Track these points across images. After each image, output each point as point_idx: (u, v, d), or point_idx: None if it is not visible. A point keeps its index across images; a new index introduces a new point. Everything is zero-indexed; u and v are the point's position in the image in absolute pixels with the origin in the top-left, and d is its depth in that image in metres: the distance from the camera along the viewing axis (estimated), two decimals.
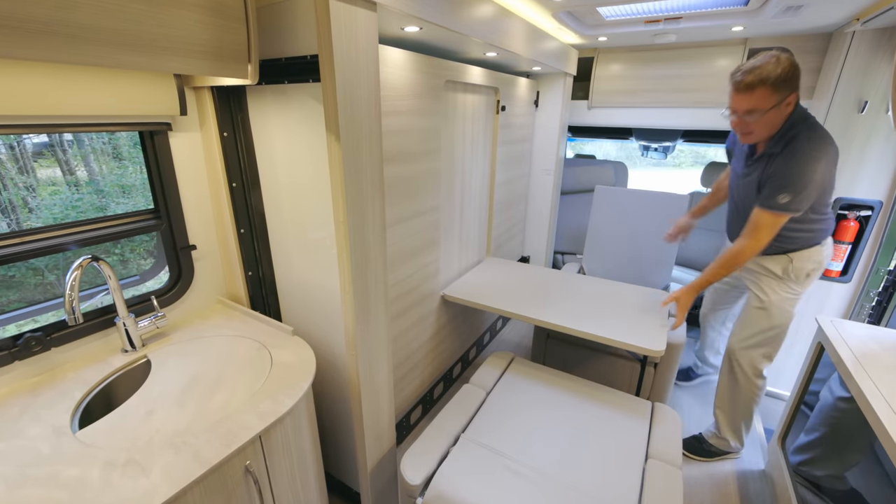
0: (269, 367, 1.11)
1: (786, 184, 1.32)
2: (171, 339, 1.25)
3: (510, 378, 1.63)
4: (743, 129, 1.38)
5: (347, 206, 1.03)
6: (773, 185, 1.35)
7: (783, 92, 1.29)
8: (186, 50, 0.87)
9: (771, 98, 1.28)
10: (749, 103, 1.31)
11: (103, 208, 2.22)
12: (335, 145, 0.98)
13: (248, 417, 0.93)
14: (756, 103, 1.30)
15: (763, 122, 1.34)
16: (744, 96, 1.31)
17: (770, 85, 1.27)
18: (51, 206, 2.37)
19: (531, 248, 3.01)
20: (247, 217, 1.38)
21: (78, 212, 2.22)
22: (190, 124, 1.24)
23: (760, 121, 1.33)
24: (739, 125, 1.37)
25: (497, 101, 2.14)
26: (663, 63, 2.43)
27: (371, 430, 1.35)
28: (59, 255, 1.48)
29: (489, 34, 1.50)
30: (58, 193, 2.38)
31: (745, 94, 1.30)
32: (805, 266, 1.53)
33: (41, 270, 1.69)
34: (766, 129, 1.36)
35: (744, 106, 1.32)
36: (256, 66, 1.02)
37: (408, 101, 1.42)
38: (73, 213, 2.34)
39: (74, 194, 2.40)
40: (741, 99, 1.32)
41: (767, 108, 1.30)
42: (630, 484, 1.17)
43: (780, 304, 1.58)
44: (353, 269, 1.11)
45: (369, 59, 1.00)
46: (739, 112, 1.34)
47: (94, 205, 2.31)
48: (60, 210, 2.44)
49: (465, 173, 2.01)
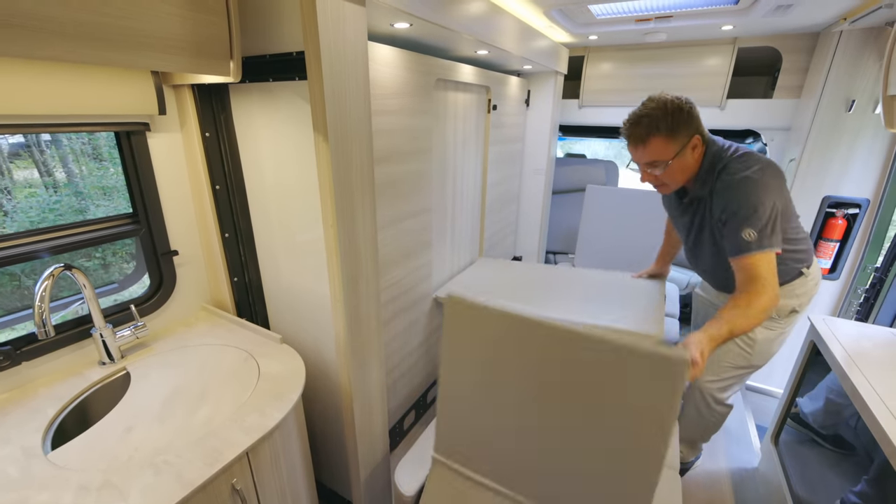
0: (256, 378, 1.07)
1: (740, 222, 1.13)
2: (152, 350, 1.19)
3: None
4: (652, 181, 1.28)
5: (336, 208, 0.99)
6: (728, 230, 1.17)
7: (681, 138, 1.18)
8: (163, 45, 0.82)
9: (669, 147, 1.18)
10: (647, 156, 1.21)
11: (82, 210, 2.14)
12: (323, 145, 0.93)
13: (234, 433, 0.88)
14: (654, 155, 1.20)
15: (672, 172, 1.22)
16: (639, 149, 1.21)
17: (663, 134, 1.17)
18: (27, 210, 2.27)
19: (523, 249, 2.99)
20: (231, 221, 1.32)
21: (56, 214, 2.13)
22: (169, 124, 1.18)
23: (667, 171, 1.22)
24: (647, 178, 1.27)
25: (488, 99, 2.11)
26: (653, 62, 2.43)
27: (364, 438, 1.31)
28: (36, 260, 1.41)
29: (480, 31, 1.47)
30: (35, 196, 2.29)
31: (640, 146, 1.21)
32: (789, 303, 1.37)
33: (17, 276, 1.61)
34: (680, 176, 1.25)
35: (643, 159, 1.23)
36: (239, 62, 0.97)
37: (398, 99, 1.38)
38: (51, 216, 2.25)
39: (52, 196, 2.31)
40: (637, 152, 1.23)
41: (669, 158, 1.19)
42: None
43: (764, 344, 1.43)
44: (343, 275, 1.07)
45: (358, 56, 0.96)
46: (643, 164, 1.25)
47: (73, 207, 2.22)
48: (38, 213, 2.34)
49: (457, 173, 1.98)
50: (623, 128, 1.24)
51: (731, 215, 1.16)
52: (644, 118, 1.18)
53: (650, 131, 1.17)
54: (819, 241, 2.04)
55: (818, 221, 2.02)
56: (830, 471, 1.56)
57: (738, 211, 1.14)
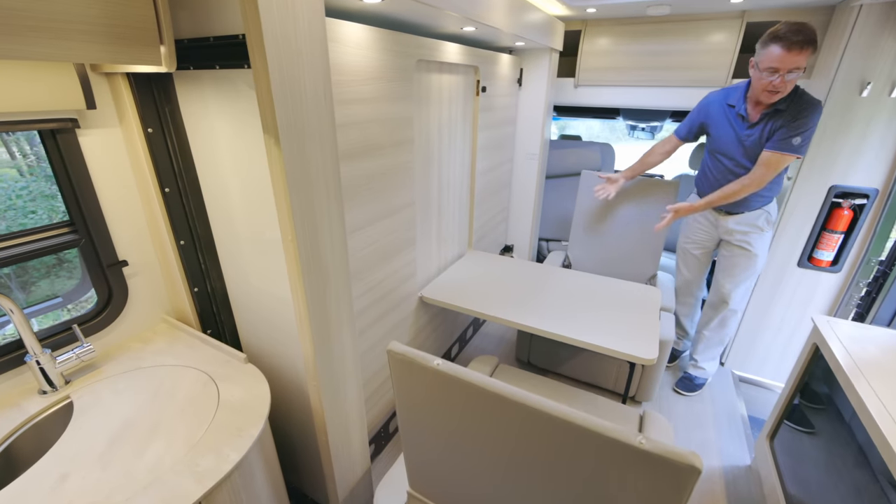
0: (214, 408, 0.96)
1: (798, 129, 1.52)
2: (102, 372, 1.08)
3: None
4: (779, 88, 1.47)
5: (295, 218, 0.86)
6: (785, 131, 1.54)
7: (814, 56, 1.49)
8: (67, 30, 0.66)
9: (810, 57, 1.41)
10: (797, 62, 1.40)
11: (54, 196, 1.99)
12: (274, 149, 0.79)
13: (184, 480, 0.78)
14: (802, 62, 1.40)
15: (794, 81, 1.47)
16: (795, 55, 1.39)
17: (813, 45, 1.39)
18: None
19: (515, 237, 2.87)
20: (187, 226, 1.19)
21: (25, 200, 1.97)
22: (103, 119, 1.02)
23: (794, 79, 1.45)
24: (779, 85, 1.46)
25: (477, 81, 1.94)
26: (655, 38, 2.25)
27: (340, 457, 1.23)
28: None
29: (464, 6, 1.30)
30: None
31: (797, 53, 1.38)
32: (774, 214, 1.82)
33: None
34: (791, 87, 1.50)
35: (792, 65, 1.40)
36: (172, 48, 0.81)
37: (372, 85, 1.23)
38: (18, 203, 2.07)
39: (18, 182, 2.13)
40: (791, 58, 1.39)
41: (805, 67, 1.42)
42: None
43: (762, 252, 1.86)
44: (307, 293, 0.95)
45: (314, 39, 0.81)
46: (784, 71, 1.42)
47: (44, 192, 2.06)
48: (2, 201, 2.17)
49: (443, 163, 1.84)
50: (779, 36, 1.40)
51: (793, 124, 1.53)
52: (806, 30, 1.37)
53: (811, 42, 1.38)
54: (822, 233, 1.95)
55: (822, 212, 1.92)
56: (825, 471, 1.52)
57: (801, 124, 1.52)
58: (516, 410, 0.72)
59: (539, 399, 0.69)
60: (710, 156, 1.84)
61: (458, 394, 0.78)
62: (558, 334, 1.51)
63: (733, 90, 1.71)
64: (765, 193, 1.75)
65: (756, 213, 1.81)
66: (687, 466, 0.59)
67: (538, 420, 0.70)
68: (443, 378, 0.78)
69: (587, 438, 0.66)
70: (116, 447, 0.86)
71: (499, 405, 0.73)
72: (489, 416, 0.77)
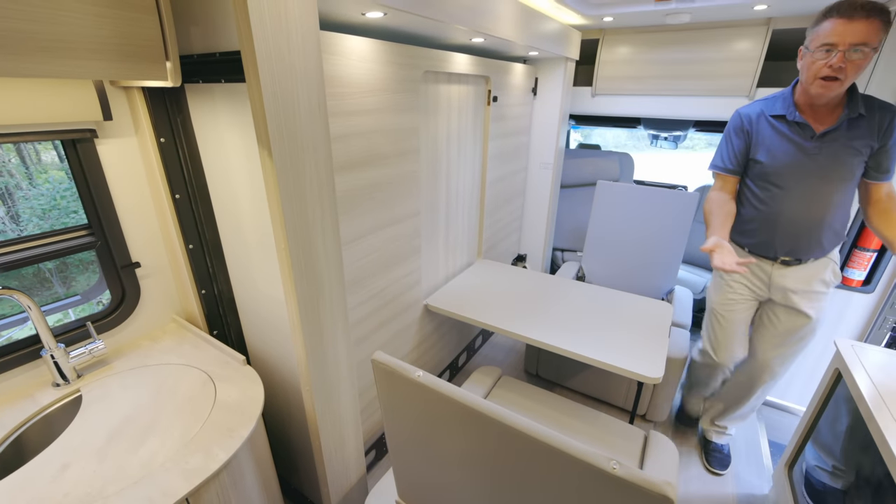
0: (210, 407, 1.00)
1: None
2: (112, 368, 1.14)
3: (493, 402, 1.51)
4: (837, 71, 1.12)
5: (287, 229, 0.89)
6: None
7: (885, 34, 1.09)
8: (79, 50, 0.71)
9: (880, 33, 1.08)
10: (863, 35, 1.07)
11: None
12: (267, 160, 0.82)
13: (173, 477, 0.81)
14: (869, 36, 1.07)
15: (861, 65, 1.11)
16: (858, 25, 1.07)
17: (884, 19, 1.07)
18: (38, 197, 2.26)
19: (528, 247, 2.84)
20: (196, 231, 1.24)
21: (69, 200, 2.10)
22: (120, 130, 1.09)
23: (861, 62, 1.10)
24: (838, 63, 1.10)
25: (488, 91, 1.94)
26: (676, 46, 2.19)
27: (334, 462, 1.24)
28: None
29: (472, 19, 1.31)
30: (46, 184, 2.26)
31: (861, 22, 1.06)
32: (838, 263, 1.42)
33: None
34: (857, 75, 1.13)
35: (855, 38, 1.07)
36: (177, 64, 0.86)
37: (376, 96, 1.25)
38: (62, 203, 2.22)
39: (62, 184, 2.28)
40: (854, 28, 1.07)
41: (875, 44, 1.08)
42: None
43: (822, 317, 1.46)
44: (299, 299, 0.97)
45: (308, 54, 0.84)
46: (845, 46, 1.09)
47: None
48: (48, 200, 2.33)
49: (451, 172, 1.84)
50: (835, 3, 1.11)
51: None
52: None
53: (880, 11, 1.06)
54: (853, 251, 1.83)
55: (853, 228, 1.80)
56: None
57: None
58: (491, 426, 0.71)
59: (514, 417, 0.68)
60: (760, 187, 1.39)
61: (438, 407, 0.78)
62: (562, 348, 1.48)
63: (772, 100, 1.37)
64: (840, 230, 1.35)
65: (823, 263, 1.39)
66: (659, 496, 0.56)
67: (513, 438, 0.69)
68: (423, 390, 0.78)
69: (560, 459, 0.65)
70: (117, 441, 0.90)
71: (476, 420, 0.73)
72: (467, 431, 0.76)
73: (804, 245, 1.36)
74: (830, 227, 1.33)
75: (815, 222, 1.33)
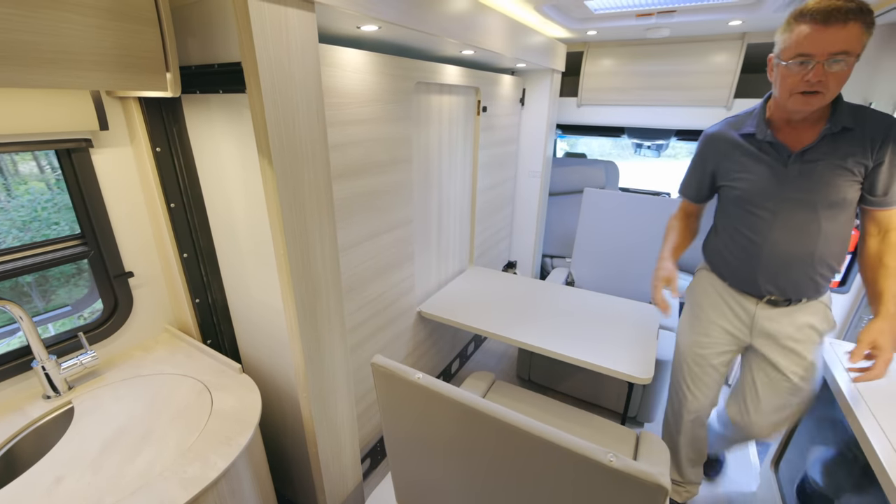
0: (207, 416, 0.99)
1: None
2: (104, 379, 1.12)
3: None
4: (816, 85, 0.98)
5: (286, 236, 0.90)
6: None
7: (867, 39, 0.95)
8: (81, 61, 0.72)
9: (862, 38, 0.94)
10: (841, 42, 0.93)
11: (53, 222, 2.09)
12: (268, 169, 0.84)
13: (170, 487, 0.81)
14: (849, 43, 0.93)
15: (844, 75, 0.97)
16: (836, 31, 0.93)
17: (864, 22, 0.93)
18: (18, 209, 2.21)
19: (518, 254, 2.88)
20: (190, 240, 1.24)
21: (51, 212, 2.07)
22: (115, 139, 1.09)
23: (843, 73, 0.96)
24: (816, 77, 0.97)
25: (478, 101, 1.99)
26: (656, 58, 2.29)
27: (331, 470, 1.24)
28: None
29: (461, 32, 1.35)
30: (27, 195, 2.22)
31: (839, 27, 0.92)
32: (831, 307, 1.22)
33: None
34: (839, 86, 0.99)
35: (833, 46, 0.93)
36: (177, 75, 0.87)
37: (370, 107, 1.28)
38: (44, 214, 2.17)
39: (44, 195, 2.24)
40: (830, 36, 0.93)
41: (857, 52, 0.95)
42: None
43: (818, 369, 1.22)
44: (298, 306, 0.98)
45: (307, 66, 0.86)
46: (822, 56, 0.95)
47: (68, 204, 2.16)
48: (28, 212, 2.28)
49: (443, 181, 1.88)
50: (808, 4, 0.97)
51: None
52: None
53: (861, 12, 0.93)
54: None
55: None
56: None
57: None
58: (492, 426, 0.73)
59: (513, 414, 0.70)
60: (738, 214, 1.22)
61: (438, 408, 0.79)
62: (554, 352, 1.51)
63: (743, 116, 1.23)
64: (836, 265, 1.17)
65: (815, 307, 1.21)
66: (654, 485, 0.59)
67: (513, 436, 0.71)
68: (423, 392, 0.80)
69: (559, 455, 0.67)
70: (110, 452, 0.89)
71: (476, 420, 0.74)
72: (467, 431, 0.78)
73: (793, 282, 1.18)
74: (823, 261, 1.15)
75: (803, 255, 1.15)
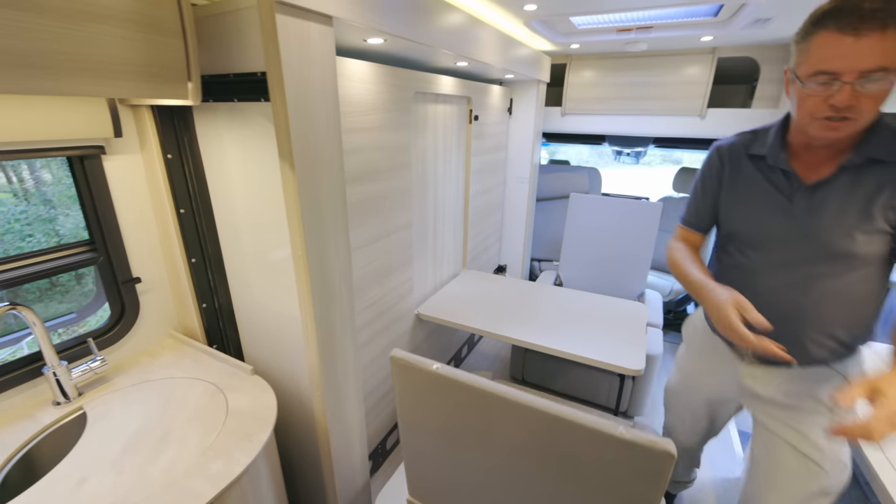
0: (224, 416, 1.01)
1: None
2: (113, 385, 1.12)
3: None
4: (845, 111, 0.74)
5: (306, 238, 0.94)
6: None
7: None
8: (108, 71, 0.76)
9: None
10: (878, 56, 0.69)
11: (52, 219, 2.04)
12: (289, 173, 0.88)
13: (198, 482, 0.83)
14: (887, 56, 0.69)
15: (882, 96, 0.73)
16: (870, 42, 0.69)
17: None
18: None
19: (508, 258, 2.97)
20: (198, 245, 1.26)
21: (22, 224, 2.02)
22: (127, 146, 1.11)
23: (881, 93, 0.73)
24: (846, 102, 0.73)
25: (470, 110, 2.08)
26: (635, 71, 2.43)
27: (342, 470, 1.26)
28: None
29: (457, 45, 1.43)
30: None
31: (874, 36, 0.69)
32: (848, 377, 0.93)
33: None
34: (876, 108, 0.75)
35: (867, 62, 0.70)
36: (198, 84, 0.91)
37: (374, 115, 1.33)
38: (16, 226, 2.12)
39: (17, 206, 2.18)
40: (863, 48, 0.70)
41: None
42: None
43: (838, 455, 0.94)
44: (315, 307, 1.02)
45: (326, 77, 0.92)
46: (852, 75, 0.71)
47: (41, 216, 2.10)
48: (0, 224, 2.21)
49: (439, 186, 1.94)
50: (833, 4, 0.74)
51: None
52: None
53: (894, 14, 0.68)
54: None
55: None
56: None
57: None
58: (509, 408, 0.78)
59: (530, 396, 0.76)
60: (727, 248, 1.02)
61: (455, 396, 0.84)
62: (549, 348, 1.57)
63: (761, 133, 0.96)
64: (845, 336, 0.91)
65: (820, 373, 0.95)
66: (663, 452, 0.66)
67: (530, 416, 0.76)
68: (441, 381, 0.84)
69: (575, 431, 0.73)
70: (131, 453, 0.90)
71: (492, 404, 0.80)
72: (484, 417, 0.83)
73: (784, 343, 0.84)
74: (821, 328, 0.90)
75: (792, 315, 0.91)
